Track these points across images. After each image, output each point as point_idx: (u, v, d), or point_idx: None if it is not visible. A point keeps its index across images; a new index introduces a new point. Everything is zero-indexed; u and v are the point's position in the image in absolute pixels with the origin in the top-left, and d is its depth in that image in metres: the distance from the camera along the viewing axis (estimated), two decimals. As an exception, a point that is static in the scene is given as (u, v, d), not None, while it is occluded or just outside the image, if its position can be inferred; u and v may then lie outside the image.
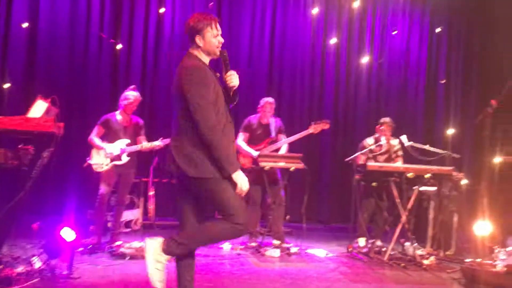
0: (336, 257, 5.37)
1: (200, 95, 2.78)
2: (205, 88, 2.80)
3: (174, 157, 2.87)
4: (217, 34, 2.94)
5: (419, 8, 8.25)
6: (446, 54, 8.35)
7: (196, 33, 2.90)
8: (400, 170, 5.33)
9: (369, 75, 8.14)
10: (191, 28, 2.90)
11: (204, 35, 2.90)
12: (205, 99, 2.78)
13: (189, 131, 2.84)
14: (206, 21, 2.89)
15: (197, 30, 2.89)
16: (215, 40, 2.93)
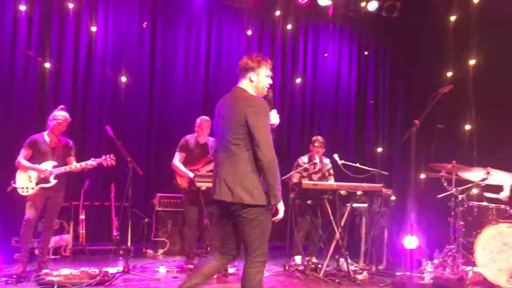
0: (273, 276, 5.39)
1: (266, 128, 3.02)
2: (268, 122, 3.06)
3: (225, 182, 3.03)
4: (270, 75, 3.22)
5: (348, 32, 8.62)
6: (374, 75, 8.76)
7: (251, 70, 3.17)
8: (334, 188, 5.48)
9: (303, 95, 8.36)
10: (248, 64, 3.18)
11: (259, 73, 3.17)
12: (268, 132, 3.03)
13: (245, 159, 3.02)
14: (263, 61, 3.19)
15: (253, 67, 3.17)
16: (267, 79, 3.19)
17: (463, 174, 5.42)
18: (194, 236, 5.64)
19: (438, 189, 5.75)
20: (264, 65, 3.19)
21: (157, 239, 6.45)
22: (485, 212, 5.29)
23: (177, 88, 7.62)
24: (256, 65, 3.17)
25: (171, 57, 7.60)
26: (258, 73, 3.18)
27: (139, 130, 7.36)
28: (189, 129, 5.89)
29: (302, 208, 5.95)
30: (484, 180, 5.22)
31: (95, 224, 6.78)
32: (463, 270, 4.98)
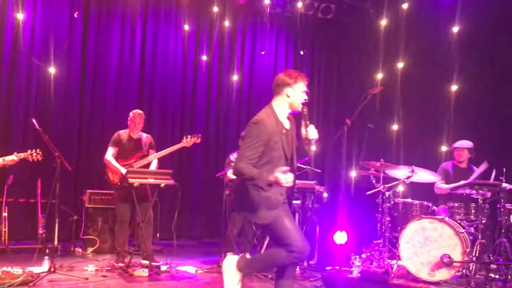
0: (207, 273, 5.38)
1: (246, 147, 3.11)
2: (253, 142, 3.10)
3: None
4: (305, 91, 3.28)
5: (285, 32, 8.74)
6: (309, 75, 8.94)
7: (288, 86, 3.23)
8: (268, 185, 5.52)
9: (240, 92, 8.39)
10: (285, 80, 3.24)
11: (295, 88, 3.23)
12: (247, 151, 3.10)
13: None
14: (300, 77, 3.26)
15: (290, 83, 3.23)
16: (302, 95, 3.26)
17: (390, 172, 5.66)
18: (125, 234, 5.50)
19: (367, 186, 5.98)
20: (301, 80, 3.26)
21: (86, 237, 6.23)
22: (409, 208, 5.56)
23: (110, 80, 7.39)
24: (293, 80, 3.24)
25: (104, 49, 7.36)
26: (295, 89, 3.25)
27: (68, 123, 7.07)
28: (122, 124, 5.74)
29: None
30: (409, 177, 5.48)
31: (19, 222, 6.45)
32: (388, 264, 5.20)
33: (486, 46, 6.74)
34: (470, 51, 6.79)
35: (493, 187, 5.16)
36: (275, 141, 3.16)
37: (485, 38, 6.72)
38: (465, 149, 5.85)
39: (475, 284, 4.75)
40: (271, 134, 3.15)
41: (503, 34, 6.63)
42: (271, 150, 3.15)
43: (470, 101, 6.78)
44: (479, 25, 6.70)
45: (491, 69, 6.71)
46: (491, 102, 6.72)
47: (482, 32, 6.72)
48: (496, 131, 6.64)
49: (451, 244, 4.83)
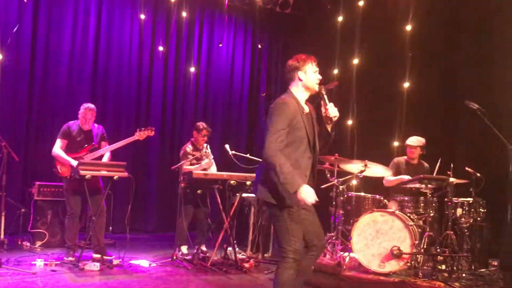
0: (160, 266, 5.31)
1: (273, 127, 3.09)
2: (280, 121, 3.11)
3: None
4: (316, 71, 3.31)
5: (243, 25, 8.72)
6: (267, 69, 8.98)
7: (297, 69, 3.28)
8: (224, 178, 5.53)
9: (197, 84, 8.31)
10: (293, 65, 3.31)
11: (306, 70, 3.28)
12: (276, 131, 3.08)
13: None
14: (308, 59, 3.32)
15: (299, 66, 3.29)
16: (315, 75, 3.28)
17: (344, 166, 5.78)
18: (76, 227, 5.35)
19: (322, 180, 6.07)
20: (309, 61, 3.31)
21: (34, 231, 6.01)
22: (362, 201, 5.70)
23: (61, 69, 7.13)
24: (302, 63, 3.30)
25: (56, 37, 7.08)
26: (305, 71, 3.29)
27: (16, 112, 6.76)
28: (73, 114, 5.55)
29: (191, 197, 5.92)
30: (362, 172, 5.61)
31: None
32: (341, 256, 5.32)
33: (437, 45, 6.97)
34: (422, 50, 7.00)
35: (441, 181, 5.36)
36: (298, 120, 3.17)
37: (436, 37, 6.95)
38: (417, 147, 6.03)
39: (423, 275, 4.94)
40: (294, 113, 3.17)
41: (452, 34, 6.88)
42: (294, 130, 3.16)
43: (422, 97, 6.99)
44: (431, 25, 6.91)
45: (441, 67, 6.95)
46: (441, 99, 6.96)
47: (433, 31, 6.94)
48: (445, 128, 6.89)
49: (400, 236, 4.99)
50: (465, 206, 5.33)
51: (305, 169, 3.23)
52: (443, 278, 4.87)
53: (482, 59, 6.54)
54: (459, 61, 6.84)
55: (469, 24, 6.73)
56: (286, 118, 3.12)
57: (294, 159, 3.14)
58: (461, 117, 6.52)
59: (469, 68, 6.72)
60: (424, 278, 4.83)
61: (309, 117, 3.32)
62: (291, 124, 3.14)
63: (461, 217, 5.32)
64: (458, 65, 6.85)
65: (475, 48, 6.64)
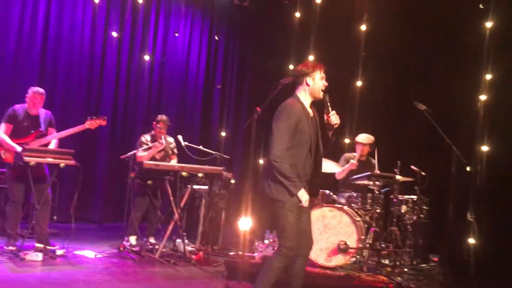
0: (106, 258, 5.19)
1: (280, 131, 3.31)
2: (287, 124, 3.31)
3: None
4: (323, 78, 3.48)
5: (200, 15, 8.62)
6: (223, 61, 8.92)
7: (307, 75, 3.43)
8: (175, 169, 5.46)
9: (151, 73, 8.15)
10: (303, 70, 3.45)
11: (314, 77, 3.43)
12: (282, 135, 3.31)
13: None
14: (318, 66, 3.48)
15: (308, 72, 3.44)
16: (322, 82, 3.46)
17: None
18: (18, 215, 5.14)
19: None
20: (318, 69, 3.46)
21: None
22: (312, 196, 5.78)
23: (8, 51, 6.82)
24: (311, 70, 3.44)
25: (2, 17, 6.75)
26: (314, 77, 3.44)
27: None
28: (20, 98, 5.31)
29: (141, 188, 5.82)
30: (313, 167, 5.68)
31: None
32: (289, 250, 5.38)
33: (390, 45, 7.15)
34: (376, 49, 7.17)
35: (388, 179, 5.52)
36: (303, 124, 3.36)
37: (390, 37, 7.14)
38: (366, 144, 6.17)
39: (367, 269, 5.08)
40: (299, 116, 3.36)
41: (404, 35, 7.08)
42: (299, 134, 3.34)
43: (373, 96, 7.18)
44: (385, 25, 7.09)
45: (392, 67, 7.15)
46: (391, 98, 7.18)
47: (387, 32, 7.12)
48: (394, 127, 7.10)
49: (348, 231, 5.11)
50: (409, 204, 5.51)
51: (306, 170, 3.41)
52: (386, 272, 5.02)
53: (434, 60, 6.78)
54: (411, 62, 7.06)
55: (423, 25, 6.94)
56: (292, 122, 3.33)
57: (295, 161, 3.34)
58: (410, 117, 6.72)
59: (421, 69, 6.95)
60: (368, 272, 4.97)
61: (313, 121, 3.49)
62: (296, 128, 3.34)
63: (405, 214, 5.50)
64: (410, 66, 7.07)
65: (428, 50, 6.87)
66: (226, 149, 8.05)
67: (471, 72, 6.22)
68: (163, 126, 5.98)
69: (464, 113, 6.25)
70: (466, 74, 6.30)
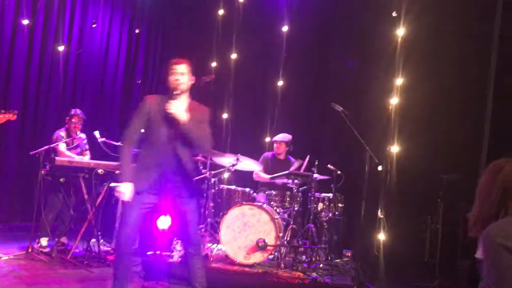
0: (13, 260, 4.87)
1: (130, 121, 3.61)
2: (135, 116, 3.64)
3: None
4: (173, 72, 3.68)
5: (121, 7, 8.32)
6: (144, 55, 8.69)
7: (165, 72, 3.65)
8: (91, 166, 5.25)
9: (66, 65, 7.73)
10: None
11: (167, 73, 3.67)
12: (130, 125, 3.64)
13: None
14: (168, 63, 3.70)
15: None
16: (171, 76, 3.68)
17: (217, 159, 5.83)
18: None
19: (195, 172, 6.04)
20: (169, 65, 3.70)
21: None
22: (232, 194, 5.81)
23: None
24: (166, 67, 3.67)
25: None
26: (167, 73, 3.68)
27: None
28: None
29: (53, 186, 5.52)
30: (234, 165, 5.71)
31: None
32: (208, 248, 5.38)
33: (309, 46, 7.36)
34: (297, 50, 7.34)
35: (306, 177, 5.69)
36: (155, 117, 3.54)
37: (310, 38, 7.35)
38: (283, 143, 6.32)
39: (285, 265, 5.20)
40: (149, 110, 3.60)
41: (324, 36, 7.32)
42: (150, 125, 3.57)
43: (293, 96, 7.35)
44: (305, 27, 7.29)
45: (311, 67, 7.37)
46: (310, 99, 7.39)
47: (307, 33, 7.32)
48: (313, 126, 7.32)
49: (266, 229, 5.19)
50: (325, 201, 5.71)
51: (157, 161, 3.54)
52: (302, 268, 5.17)
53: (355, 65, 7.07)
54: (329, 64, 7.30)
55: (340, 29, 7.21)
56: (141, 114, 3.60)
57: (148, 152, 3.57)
58: (328, 118, 6.96)
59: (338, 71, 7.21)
60: (286, 269, 5.09)
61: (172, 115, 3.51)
62: (148, 120, 3.56)
63: (321, 211, 5.69)
64: (328, 68, 7.31)
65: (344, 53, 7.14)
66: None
67: (384, 76, 6.56)
68: (77, 121, 5.72)
69: (377, 115, 6.58)
70: (379, 78, 6.63)
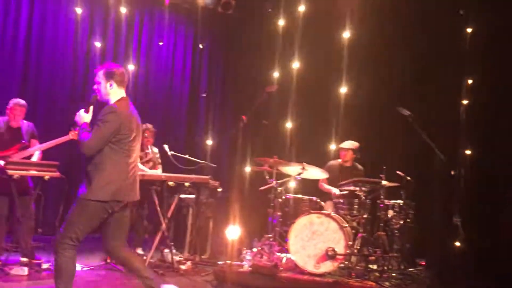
0: (93, 270, 5.14)
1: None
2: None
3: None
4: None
5: (184, 24, 8.62)
6: (208, 69, 8.92)
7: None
8: (162, 179, 5.44)
9: (136, 83, 8.10)
10: None
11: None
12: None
13: None
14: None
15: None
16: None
17: (282, 168, 5.85)
18: (2, 229, 5.06)
19: (261, 182, 6.11)
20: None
21: None
22: (299, 203, 5.79)
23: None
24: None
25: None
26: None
27: None
28: (0, 110, 5.25)
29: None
30: (300, 174, 5.70)
31: None
32: (278, 257, 5.38)
33: (372, 51, 7.22)
34: (360, 56, 7.24)
35: (374, 184, 5.56)
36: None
37: (371, 43, 7.21)
38: (350, 150, 6.22)
39: (356, 275, 5.09)
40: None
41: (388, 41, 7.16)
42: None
43: (358, 102, 7.23)
44: (369, 32, 7.17)
45: (375, 73, 7.22)
46: (376, 105, 7.23)
47: (368, 38, 7.20)
48: (379, 132, 7.16)
49: (335, 237, 5.12)
50: (396, 208, 5.55)
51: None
52: (374, 277, 5.04)
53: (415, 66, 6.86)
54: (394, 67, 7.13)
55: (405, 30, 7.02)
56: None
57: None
58: (394, 123, 6.79)
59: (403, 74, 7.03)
60: (357, 278, 4.98)
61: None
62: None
63: (392, 219, 5.54)
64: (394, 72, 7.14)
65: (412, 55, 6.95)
66: (212, 157, 8.03)
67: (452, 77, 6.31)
68: (149, 135, 5.97)
69: (446, 117, 6.34)
70: (447, 79, 6.39)
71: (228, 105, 9.01)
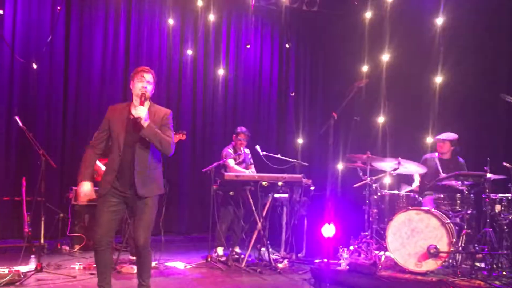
0: (195, 268, 5.37)
1: None
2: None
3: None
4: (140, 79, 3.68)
5: (270, 25, 8.71)
6: (295, 68, 8.94)
7: (131, 80, 3.76)
8: (255, 179, 5.55)
9: (226, 86, 8.35)
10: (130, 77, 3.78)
11: (134, 81, 3.73)
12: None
13: None
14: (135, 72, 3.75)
15: (131, 78, 3.75)
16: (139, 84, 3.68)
17: (376, 164, 5.70)
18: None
19: (354, 179, 6.01)
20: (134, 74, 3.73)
21: (73, 235, 6.17)
22: (396, 200, 5.61)
23: (94, 76, 7.28)
24: (131, 76, 3.75)
25: (88, 44, 7.24)
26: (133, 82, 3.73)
27: (52, 120, 6.95)
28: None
29: (224, 199, 5.97)
30: (395, 170, 5.52)
31: (3, 220, 6.38)
32: (376, 255, 5.25)
33: (469, 38, 6.78)
34: (454, 43, 6.82)
35: (478, 177, 5.22)
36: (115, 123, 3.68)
37: (468, 30, 6.76)
38: (447, 141, 5.89)
39: (462, 274, 4.82)
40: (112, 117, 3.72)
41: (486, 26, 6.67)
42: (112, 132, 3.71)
43: (455, 93, 6.82)
44: (463, 18, 6.73)
45: (475, 61, 6.75)
46: (475, 94, 6.77)
47: (464, 24, 6.75)
48: (480, 122, 6.70)
49: (437, 234, 4.89)
50: (503, 202, 5.16)
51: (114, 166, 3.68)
52: (482, 276, 4.74)
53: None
54: (494, 53, 6.63)
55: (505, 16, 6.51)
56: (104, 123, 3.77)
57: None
58: (497, 111, 6.33)
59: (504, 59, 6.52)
60: (463, 277, 4.72)
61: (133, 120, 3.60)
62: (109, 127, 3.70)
63: (500, 214, 5.16)
64: (493, 57, 6.64)
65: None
66: (304, 156, 8.05)
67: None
68: (244, 138, 6.14)
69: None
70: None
71: (317, 103, 8.96)
